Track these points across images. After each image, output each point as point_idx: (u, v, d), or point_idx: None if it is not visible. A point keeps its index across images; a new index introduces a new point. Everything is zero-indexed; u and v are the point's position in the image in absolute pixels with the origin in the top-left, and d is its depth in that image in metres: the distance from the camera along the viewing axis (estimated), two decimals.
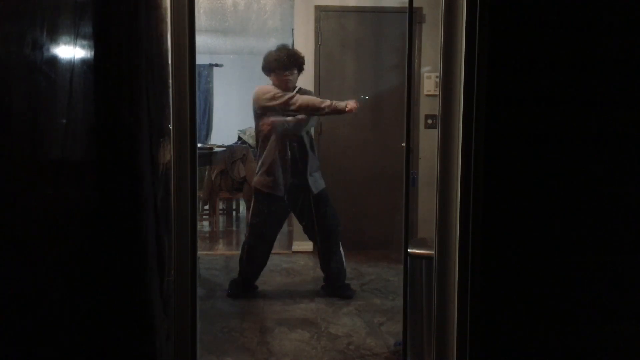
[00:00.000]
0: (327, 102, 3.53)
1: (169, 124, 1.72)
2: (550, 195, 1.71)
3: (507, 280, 1.72)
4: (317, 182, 3.64)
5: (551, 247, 1.72)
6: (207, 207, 5.70)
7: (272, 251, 3.79)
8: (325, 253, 3.69)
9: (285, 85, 3.57)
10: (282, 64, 3.53)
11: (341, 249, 3.71)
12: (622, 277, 1.74)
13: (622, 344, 1.77)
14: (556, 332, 1.74)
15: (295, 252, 4.75)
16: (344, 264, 3.72)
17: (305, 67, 3.68)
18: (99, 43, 1.55)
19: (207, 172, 5.52)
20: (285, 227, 4.66)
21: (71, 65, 1.47)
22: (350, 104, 3.52)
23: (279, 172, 3.54)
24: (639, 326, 1.77)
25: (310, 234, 3.77)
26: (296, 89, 3.65)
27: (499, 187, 1.70)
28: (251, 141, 5.68)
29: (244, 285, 3.67)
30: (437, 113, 1.79)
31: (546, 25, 1.67)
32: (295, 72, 3.61)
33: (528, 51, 1.67)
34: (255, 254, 3.66)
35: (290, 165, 3.59)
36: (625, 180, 1.73)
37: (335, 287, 3.69)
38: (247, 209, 5.46)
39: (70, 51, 1.46)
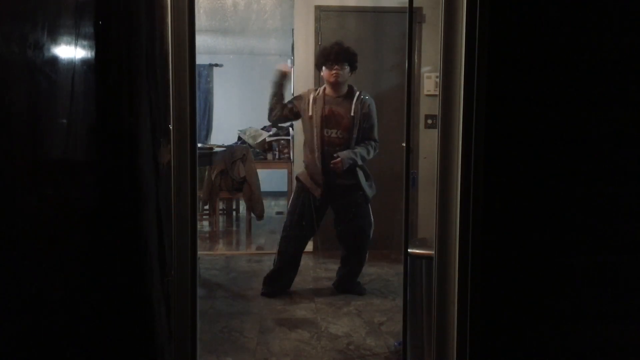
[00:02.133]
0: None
1: (169, 124, 1.72)
2: (550, 195, 1.71)
3: (507, 280, 1.72)
4: None
5: (551, 247, 1.72)
6: (207, 207, 5.69)
7: (273, 251, 3.91)
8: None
9: (335, 79, 3.54)
10: (329, 57, 3.52)
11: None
12: (622, 277, 1.74)
13: (622, 344, 1.77)
14: (556, 332, 1.74)
15: None
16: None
17: (357, 64, 3.61)
18: (99, 43, 1.55)
19: (207, 172, 5.51)
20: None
21: (72, 65, 1.47)
22: None
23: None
24: (639, 326, 1.77)
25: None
26: (352, 89, 3.63)
27: (499, 187, 1.70)
28: (251, 141, 5.67)
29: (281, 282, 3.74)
30: (437, 113, 1.79)
31: (546, 25, 1.67)
32: (346, 67, 3.55)
33: (528, 51, 1.67)
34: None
35: None
36: (625, 180, 1.73)
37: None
38: (250, 211, 5.46)
39: (70, 51, 1.46)
